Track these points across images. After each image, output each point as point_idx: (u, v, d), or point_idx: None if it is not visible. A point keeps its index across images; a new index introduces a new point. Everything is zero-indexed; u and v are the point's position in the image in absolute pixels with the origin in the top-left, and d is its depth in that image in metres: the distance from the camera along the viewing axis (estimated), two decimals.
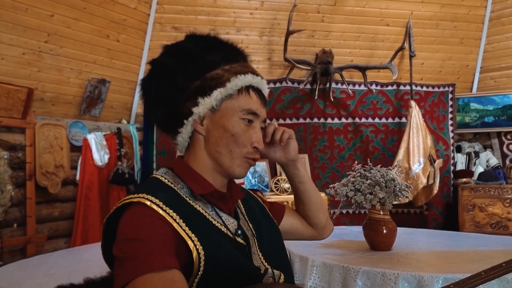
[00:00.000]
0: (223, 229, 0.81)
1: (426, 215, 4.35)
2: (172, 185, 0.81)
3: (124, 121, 3.99)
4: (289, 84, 4.23)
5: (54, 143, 3.32)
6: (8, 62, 3.05)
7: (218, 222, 0.81)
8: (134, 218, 0.71)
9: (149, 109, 0.88)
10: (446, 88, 4.52)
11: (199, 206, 0.80)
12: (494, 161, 4.33)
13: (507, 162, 4.31)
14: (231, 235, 0.81)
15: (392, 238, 1.87)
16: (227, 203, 0.86)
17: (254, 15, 4.11)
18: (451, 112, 4.53)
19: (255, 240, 0.87)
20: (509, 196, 3.86)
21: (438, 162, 4.04)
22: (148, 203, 0.72)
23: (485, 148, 4.54)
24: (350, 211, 4.21)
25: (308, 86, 4.23)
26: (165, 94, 0.84)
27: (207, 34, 0.89)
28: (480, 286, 0.75)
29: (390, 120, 4.40)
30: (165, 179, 0.82)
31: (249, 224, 0.90)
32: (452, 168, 4.45)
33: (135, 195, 0.74)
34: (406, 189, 1.82)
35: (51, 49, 3.28)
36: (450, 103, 4.53)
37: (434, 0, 4.24)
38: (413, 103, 4.07)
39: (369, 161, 1.99)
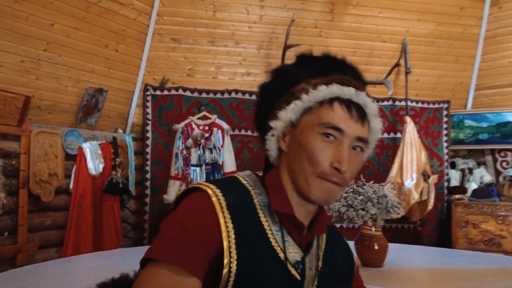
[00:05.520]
0: (281, 254, 0.73)
1: (420, 230, 4.35)
2: (250, 188, 0.77)
3: (120, 131, 4.00)
4: None
5: (49, 151, 3.31)
6: (6, 69, 3.06)
7: (278, 245, 0.74)
8: (194, 203, 0.71)
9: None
10: (441, 105, 4.57)
11: (266, 221, 0.74)
12: (488, 178, 4.35)
13: (501, 179, 4.33)
14: (286, 263, 0.74)
15: (384, 254, 1.88)
16: (301, 235, 0.78)
17: (253, 28, 4.16)
18: (446, 129, 4.57)
19: (316, 281, 0.79)
20: (502, 213, 3.88)
21: (433, 178, 4.06)
22: (214, 198, 0.70)
23: (479, 164, 4.56)
24: (344, 225, 4.20)
25: None
26: (259, 112, 0.84)
27: (311, 52, 0.84)
28: None
29: (385, 135, 4.43)
30: (245, 180, 0.78)
31: (319, 262, 0.81)
32: (446, 184, 4.47)
33: (209, 184, 0.73)
34: (398, 205, 1.83)
35: (49, 58, 3.29)
36: (445, 119, 4.57)
37: (430, 18, 4.31)
38: (408, 118, 4.11)
39: (362, 177, 2.00)
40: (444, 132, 4.57)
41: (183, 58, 4.12)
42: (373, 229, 1.86)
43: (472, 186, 4.29)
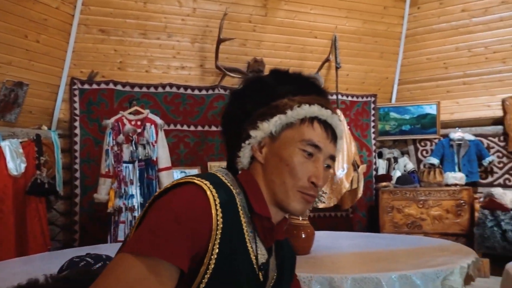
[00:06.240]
0: (252, 256, 0.77)
1: (352, 217, 4.60)
2: (232, 188, 0.78)
3: (45, 127, 3.74)
4: (222, 91, 4.26)
5: None
6: None
7: (251, 247, 0.77)
8: (190, 196, 0.70)
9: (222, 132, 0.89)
10: (369, 98, 4.85)
11: (245, 222, 0.77)
12: (410, 166, 4.72)
13: (421, 166, 4.72)
14: (256, 265, 0.77)
15: (310, 242, 1.96)
16: (267, 237, 0.82)
17: (186, 21, 4.09)
18: (374, 121, 4.87)
19: (272, 282, 0.84)
20: (422, 198, 4.23)
21: (362, 168, 4.31)
22: (210, 195, 0.71)
23: (402, 154, 4.93)
24: None
25: None
26: (233, 117, 0.85)
27: (287, 70, 0.88)
28: None
29: None
30: (226, 179, 0.78)
31: (275, 266, 0.87)
32: (374, 173, 4.77)
33: (202, 180, 0.73)
34: (323, 194, 1.92)
35: None
36: (373, 112, 4.86)
37: (357, 16, 4.53)
38: (339, 111, 4.30)
39: None
40: (372, 124, 4.86)
41: (112, 50, 3.95)
42: (300, 218, 1.93)
43: (397, 174, 4.63)
